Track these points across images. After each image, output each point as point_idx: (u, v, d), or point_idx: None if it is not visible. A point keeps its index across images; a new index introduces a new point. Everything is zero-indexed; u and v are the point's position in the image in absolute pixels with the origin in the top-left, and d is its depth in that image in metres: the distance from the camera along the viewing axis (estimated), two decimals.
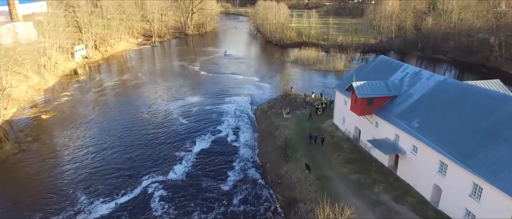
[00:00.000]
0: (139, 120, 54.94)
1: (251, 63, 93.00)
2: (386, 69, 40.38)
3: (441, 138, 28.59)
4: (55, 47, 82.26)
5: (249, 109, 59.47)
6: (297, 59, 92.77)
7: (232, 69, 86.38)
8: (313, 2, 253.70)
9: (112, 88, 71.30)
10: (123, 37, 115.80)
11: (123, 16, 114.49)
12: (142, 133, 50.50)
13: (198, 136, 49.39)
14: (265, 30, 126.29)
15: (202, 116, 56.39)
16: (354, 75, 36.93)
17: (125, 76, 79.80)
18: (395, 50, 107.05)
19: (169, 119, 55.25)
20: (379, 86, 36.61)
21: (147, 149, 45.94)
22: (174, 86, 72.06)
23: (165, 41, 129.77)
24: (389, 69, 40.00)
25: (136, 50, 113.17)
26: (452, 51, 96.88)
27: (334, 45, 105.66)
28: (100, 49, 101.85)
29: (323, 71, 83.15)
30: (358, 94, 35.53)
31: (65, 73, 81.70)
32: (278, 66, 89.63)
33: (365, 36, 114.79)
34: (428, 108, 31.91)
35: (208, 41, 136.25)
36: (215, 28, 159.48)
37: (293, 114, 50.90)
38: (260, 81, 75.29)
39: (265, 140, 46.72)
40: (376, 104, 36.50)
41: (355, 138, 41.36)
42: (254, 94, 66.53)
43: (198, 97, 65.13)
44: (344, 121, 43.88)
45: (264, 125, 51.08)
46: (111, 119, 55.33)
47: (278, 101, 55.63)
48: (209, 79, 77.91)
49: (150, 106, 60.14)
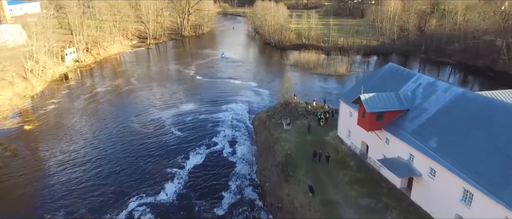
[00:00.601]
0: (128, 130, 51.27)
1: (249, 67, 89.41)
2: (396, 79, 36.82)
3: (465, 161, 25.07)
4: (43, 51, 78.52)
5: (246, 118, 55.89)
6: (297, 63, 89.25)
7: (229, 73, 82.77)
8: (312, 2, 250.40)
9: (102, 94, 67.57)
10: (116, 39, 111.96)
11: (117, 17, 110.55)
12: (130, 145, 46.84)
13: (191, 149, 45.77)
14: (264, 31, 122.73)
15: (197, 126, 52.77)
16: (362, 87, 33.35)
17: (117, 81, 76.07)
18: (398, 52, 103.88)
19: (161, 129, 51.60)
20: (389, 99, 33.06)
21: (135, 164, 42.31)
22: (168, 92, 68.41)
23: (160, 43, 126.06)
24: (400, 78, 36.43)
25: (130, 52, 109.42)
26: (457, 54, 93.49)
27: (335, 48, 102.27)
28: (92, 52, 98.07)
29: (324, 75, 79.64)
30: (367, 108, 31.98)
31: (54, 78, 77.90)
32: (277, 70, 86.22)
33: (366, 38, 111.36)
34: (447, 125, 28.36)
35: (205, 43, 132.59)
36: (213, 29, 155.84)
37: (294, 125, 47.34)
38: (258, 86, 71.70)
39: (264, 154, 43.13)
40: (387, 119, 32.97)
41: (362, 154, 37.83)
42: (252, 101, 62.98)
43: (192, 104, 61.50)
44: (349, 134, 40.35)
45: (263, 137, 47.49)
46: (98, 130, 51.64)
47: (277, 110, 52.02)
48: (204, 84, 74.26)
49: (141, 115, 56.47)
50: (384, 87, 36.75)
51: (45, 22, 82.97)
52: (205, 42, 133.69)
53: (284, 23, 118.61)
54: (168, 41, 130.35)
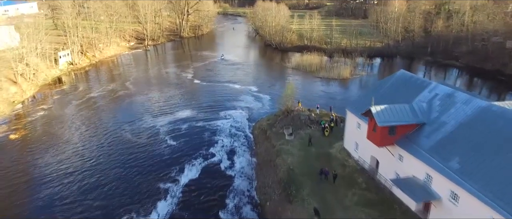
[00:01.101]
0: (120, 139, 48.14)
1: (249, 70, 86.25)
2: (408, 88, 33.64)
3: (494, 186, 21.94)
4: (35, 53, 75.53)
5: (246, 126, 52.74)
6: (299, 66, 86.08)
7: (228, 76, 79.64)
8: (314, 2, 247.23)
9: (95, 100, 64.48)
10: (113, 40, 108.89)
11: (113, 18, 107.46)
12: (121, 156, 43.73)
13: (186, 161, 42.65)
14: (264, 32, 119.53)
15: (193, 135, 49.65)
16: (373, 99, 30.15)
17: (111, 86, 72.98)
18: (403, 54, 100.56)
19: (155, 138, 48.47)
20: (403, 111, 29.89)
21: (125, 178, 39.23)
22: (164, 97, 65.31)
23: (159, 44, 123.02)
24: (413, 88, 33.24)
25: (127, 54, 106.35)
26: (465, 56, 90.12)
27: (338, 49, 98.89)
28: (88, 54, 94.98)
29: (327, 79, 76.42)
30: (379, 122, 28.82)
31: (47, 82, 74.87)
32: (278, 74, 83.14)
33: (370, 39, 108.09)
34: (470, 143, 25.20)
35: (204, 44, 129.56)
36: (212, 30, 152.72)
37: (297, 134, 44.21)
38: (258, 91, 68.54)
39: (264, 168, 39.98)
40: (400, 133, 29.82)
41: (371, 170, 34.68)
42: (252, 108, 59.85)
43: (189, 111, 58.37)
44: (357, 146, 37.21)
45: (263, 148, 44.34)
46: (87, 139, 48.55)
47: (279, 119, 48.88)
48: (203, 88, 71.13)
49: (134, 123, 53.35)
50: (395, 97, 33.60)
51: (37, 23, 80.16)
52: (205, 43, 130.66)
53: (286, 24, 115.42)
54: (167, 43, 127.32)
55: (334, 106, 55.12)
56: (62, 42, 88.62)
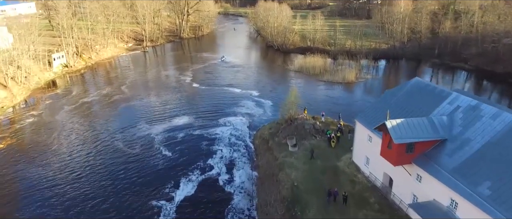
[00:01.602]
0: (111, 150, 45.07)
1: (250, 73, 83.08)
2: (425, 98, 30.40)
3: None
4: (27, 55, 72.57)
5: (246, 135, 49.59)
6: (302, 68, 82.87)
7: (228, 80, 76.50)
8: (316, 2, 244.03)
9: (88, 105, 61.44)
10: (110, 41, 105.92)
11: (111, 18, 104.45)
12: (111, 169, 40.68)
13: (182, 175, 39.57)
14: (266, 33, 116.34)
15: (190, 145, 46.54)
16: (388, 113, 26.91)
17: (106, 90, 69.93)
18: (409, 56, 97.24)
19: (149, 148, 45.36)
20: (422, 126, 26.68)
21: (114, 193, 36.23)
22: (160, 102, 62.21)
23: (157, 45, 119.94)
24: (430, 98, 30.01)
25: (125, 56, 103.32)
26: (474, 58, 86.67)
27: (342, 51, 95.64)
28: (84, 56, 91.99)
29: (332, 83, 73.19)
30: (395, 138, 25.62)
31: (39, 86, 71.95)
32: (280, 77, 79.91)
33: (375, 40, 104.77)
34: (502, 165, 22.00)
35: (204, 45, 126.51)
36: (213, 30, 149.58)
37: (301, 145, 41.08)
38: (259, 96, 65.39)
39: (266, 183, 36.84)
40: (418, 151, 26.66)
41: (384, 188, 31.50)
42: (252, 114, 56.71)
43: (187, 117, 55.26)
44: (367, 161, 34.03)
45: (265, 160, 41.19)
46: (76, 149, 45.48)
47: (281, 127, 45.70)
48: (201, 93, 67.99)
49: (127, 131, 50.25)
50: (410, 109, 30.47)
51: (30, 24, 77.24)
52: (205, 44, 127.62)
53: (288, 25, 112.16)
54: (166, 44, 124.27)
55: (337, 111, 52.15)
56: (57, 44, 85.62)
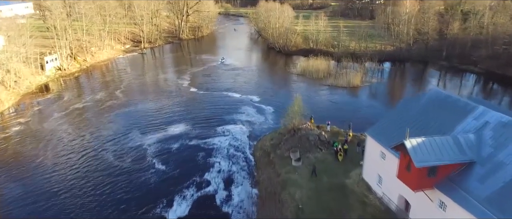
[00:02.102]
0: (99, 163, 41.71)
1: (251, 76, 79.71)
2: (445, 112, 26.95)
3: None
4: (17, 58, 69.37)
5: (246, 145, 46.23)
6: (305, 71, 79.46)
7: (227, 84, 73.13)
8: (318, 2, 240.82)
9: (80, 112, 58.16)
10: (107, 43, 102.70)
11: (107, 19, 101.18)
12: (97, 184, 37.36)
13: (176, 192, 36.25)
14: (267, 34, 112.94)
15: (185, 157, 43.22)
16: (408, 131, 23.43)
17: (100, 94, 66.67)
18: (415, 59, 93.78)
19: (140, 161, 42.02)
20: (446, 146, 23.26)
21: (98, 213, 32.87)
22: (155, 109, 58.88)
23: (156, 47, 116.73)
24: (452, 112, 26.56)
25: (122, 58, 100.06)
26: (484, 61, 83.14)
27: (346, 53, 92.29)
28: (78, 58, 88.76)
29: (336, 87, 69.79)
30: (416, 161, 22.21)
31: (30, 91, 68.66)
32: (282, 81, 76.56)
33: (381, 42, 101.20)
34: None
35: (204, 46, 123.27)
36: (213, 31, 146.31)
37: (305, 159, 37.72)
38: (260, 101, 62.03)
39: (267, 203, 33.50)
40: (442, 174, 23.29)
41: (400, 212, 28.11)
42: (253, 122, 53.38)
43: (183, 126, 51.94)
44: (380, 180, 30.65)
45: (266, 175, 37.82)
46: (62, 162, 42.13)
47: (284, 138, 42.37)
48: (199, 98, 64.64)
49: (118, 141, 46.91)
50: (429, 124, 27.05)
51: (22, 25, 74.13)
52: (204, 46, 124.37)
53: (290, 26, 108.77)
54: (164, 45, 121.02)
55: (344, 121, 48.86)
56: (51, 46, 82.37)
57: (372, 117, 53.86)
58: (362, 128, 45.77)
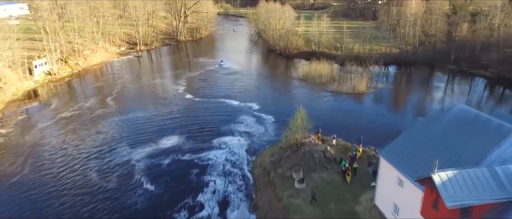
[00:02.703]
0: (81, 182, 37.70)
1: (250, 81, 75.74)
2: (475, 135, 23.02)
3: None
4: (3, 62, 65.56)
5: (244, 161, 42.27)
6: (307, 76, 75.52)
7: (225, 90, 69.23)
8: (319, 2, 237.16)
9: (66, 121, 54.23)
10: (101, 46, 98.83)
11: (101, 20, 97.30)
12: (76, 209, 33.36)
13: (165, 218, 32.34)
14: (268, 36, 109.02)
15: (177, 175, 39.28)
16: (436, 162, 19.48)
17: (89, 102, 62.75)
18: (422, 62, 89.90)
19: (126, 180, 38.06)
20: (482, 179, 19.35)
21: None
22: (147, 119, 54.94)
23: (152, 49, 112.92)
24: (483, 135, 22.62)
25: (116, 61, 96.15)
26: (495, 65, 79.13)
27: (350, 56, 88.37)
28: (70, 62, 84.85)
29: (340, 93, 65.87)
30: (447, 200, 18.31)
31: (16, 97, 64.79)
32: (283, 86, 72.60)
33: (385, 44, 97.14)
34: None
35: (202, 48, 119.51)
36: (212, 33, 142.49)
37: (309, 180, 33.85)
38: (260, 109, 58.09)
39: None
40: (477, 214, 19.38)
41: None
42: (252, 133, 49.45)
43: (175, 137, 48.00)
44: (396, 209, 26.75)
45: (266, 198, 33.90)
46: (41, 180, 38.09)
47: (285, 155, 38.47)
48: (195, 106, 60.69)
49: (104, 157, 42.95)
50: (455, 149, 23.16)
51: (7, 27, 70.28)
52: (202, 48, 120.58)
53: (291, 27, 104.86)
54: (161, 47, 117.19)
55: (350, 132, 45.01)
56: (40, 49, 78.44)
57: (381, 127, 50.17)
58: (371, 140, 42.12)
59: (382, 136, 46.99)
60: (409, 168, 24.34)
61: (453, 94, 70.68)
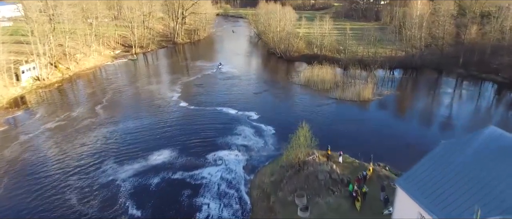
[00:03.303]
0: (56, 207, 33.74)
1: (249, 87, 71.89)
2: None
3: None
4: None
5: (241, 180, 38.38)
6: (309, 82, 71.66)
7: (223, 96, 65.42)
8: (320, 2, 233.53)
9: (50, 134, 50.34)
10: (94, 49, 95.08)
11: (94, 22, 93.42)
12: None
13: None
14: (268, 38, 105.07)
15: (166, 197, 35.39)
16: (478, 211, 15.67)
17: (77, 111, 58.94)
18: (428, 66, 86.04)
19: (110, 205, 34.04)
20: None
21: None
22: (137, 130, 51.04)
23: (148, 52, 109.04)
24: None
25: (110, 65, 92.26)
26: (506, 69, 75.14)
27: (354, 60, 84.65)
28: (60, 67, 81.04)
29: (344, 101, 62.05)
30: None
31: (1, 105, 60.99)
32: (283, 93, 68.77)
33: (390, 47, 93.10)
34: None
35: (200, 51, 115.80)
36: (210, 34, 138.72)
37: (315, 206, 30.01)
38: (259, 119, 54.25)
39: None
40: None
41: None
42: (250, 147, 45.60)
43: (167, 152, 44.11)
44: None
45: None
46: (14, 204, 34.27)
47: (287, 175, 34.64)
48: (189, 116, 56.81)
49: (86, 176, 39.02)
50: (489, 182, 19.27)
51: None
52: (201, 50, 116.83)
53: (292, 29, 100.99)
54: (158, 50, 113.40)
55: (357, 145, 41.20)
56: (29, 53, 74.58)
57: (389, 138, 46.56)
58: (380, 155, 38.40)
59: (391, 149, 43.49)
60: (434, 205, 20.50)
61: (462, 100, 67.12)
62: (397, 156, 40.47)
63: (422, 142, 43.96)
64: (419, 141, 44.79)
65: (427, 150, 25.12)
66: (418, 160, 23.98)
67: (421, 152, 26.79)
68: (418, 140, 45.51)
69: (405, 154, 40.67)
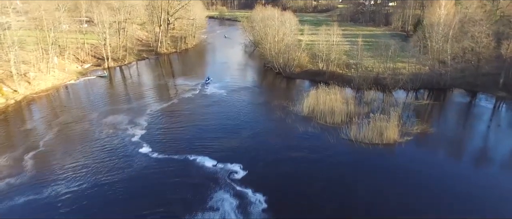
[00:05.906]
0: None
1: (236, 121, 55.74)
2: None
3: None
4: None
5: None
6: (314, 112, 55.88)
7: (199, 136, 49.46)
8: (323, 4, 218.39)
9: None
10: (57, 63, 79.35)
11: (51, 28, 77.20)
12: None
13: None
14: (264, 50, 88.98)
15: None
16: None
17: (6, 156, 43.17)
18: (460, 86, 70.33)
19: None
20: None
21: None
22: (65, 200, 35.24)
23: (125, 65, 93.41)
24: None
25: (73, 85, 76.28)
26: None
27: (367, 78, 68.99)
28: (4, 90, 65.23)
29: (361, 144, 46.13)
30: None
31: None
32: (281, 130, 52.11)
33: (409, 60, 76.78)
34: None
35: (186, 63, 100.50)
36: (201, 42, 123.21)
37: None
38: (245, 180, 38.27)
39: None
40: None
41: None
42: None
43: None
44: None
45: None
46: None
47: None
48: (148, 173, 40.55)
49: None
50: None
51: None
52: (186, 62, 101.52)
53: (293, 39, 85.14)
54: (137, 61, 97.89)
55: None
56: None
57: (430, 209, 30.46)
58: None
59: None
60: None
61: (499, 126, 52.09)
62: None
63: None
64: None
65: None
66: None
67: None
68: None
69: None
